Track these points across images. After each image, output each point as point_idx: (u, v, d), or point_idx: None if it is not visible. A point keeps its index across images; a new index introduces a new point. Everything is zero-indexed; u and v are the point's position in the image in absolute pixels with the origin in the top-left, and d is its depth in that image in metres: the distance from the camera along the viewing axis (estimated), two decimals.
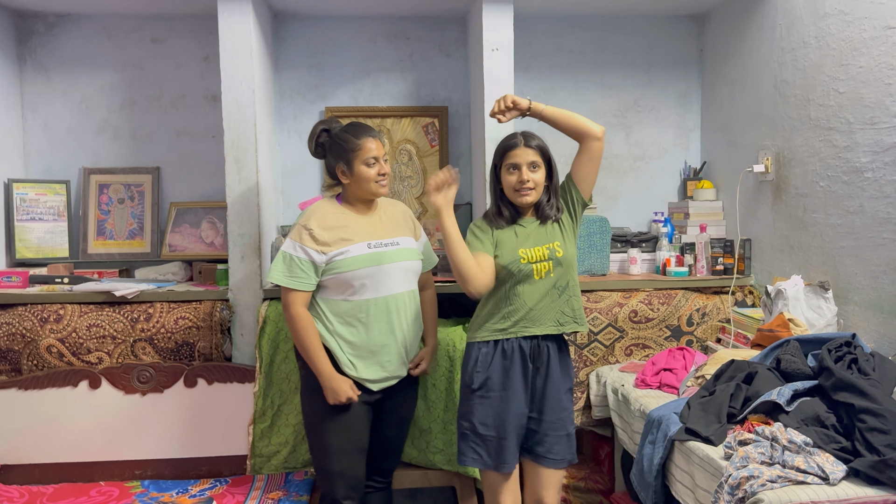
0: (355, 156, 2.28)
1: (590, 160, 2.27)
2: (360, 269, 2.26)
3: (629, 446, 2.61)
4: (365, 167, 2.29)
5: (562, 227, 2.29)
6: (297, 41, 3.48)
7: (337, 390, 2.24)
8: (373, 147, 2.29)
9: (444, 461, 2.78)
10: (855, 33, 2.51)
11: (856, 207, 2.54)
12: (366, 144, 2.28)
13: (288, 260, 2.26)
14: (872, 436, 1.79)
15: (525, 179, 2.22)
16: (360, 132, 2.31)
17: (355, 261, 2.26)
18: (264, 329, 2.85)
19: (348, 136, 2.30)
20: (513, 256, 2.22)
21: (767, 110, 3.05)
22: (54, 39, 3.40)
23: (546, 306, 2.25)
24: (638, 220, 3.68)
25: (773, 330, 2.55)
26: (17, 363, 2.87)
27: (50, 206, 3.32)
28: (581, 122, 2.25)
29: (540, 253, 2.23)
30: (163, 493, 2.68)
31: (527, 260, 2.22)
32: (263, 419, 2.86)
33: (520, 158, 2.22)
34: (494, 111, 2.28)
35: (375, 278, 2.28)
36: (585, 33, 3.61)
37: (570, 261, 2.28)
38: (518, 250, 2.23)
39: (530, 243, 2.25)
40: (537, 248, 2.24)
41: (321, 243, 2.25)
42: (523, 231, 2.27)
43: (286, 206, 3.50)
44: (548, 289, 2.24)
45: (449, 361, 2.78)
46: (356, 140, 2.29)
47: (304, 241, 2.25)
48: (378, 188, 2.32)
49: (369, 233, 2.32)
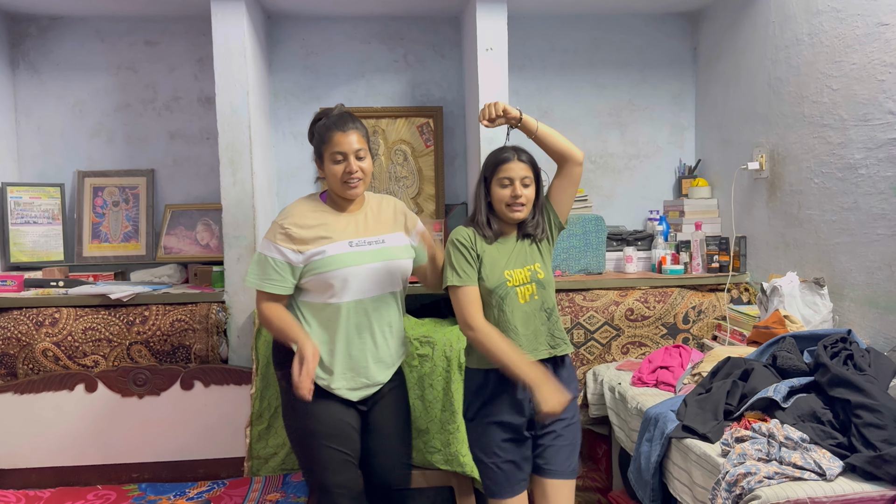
0: (325, 149, 2.12)
1: (570, 184, 2.22)
2: (341, 268, 2.09)
3: (626, 444, 2.62)
4: (332, 164, 2.11)
5: (540, 248, 2.20)
6: (291, 42, 3.48)
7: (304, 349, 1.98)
8: (341, 141, 2.09)
9: (442, 461, 2.77)
10: (848, 30, 2.52)
11: (850, 204, 2.54)
12: (333, 138, 2.10)
13: (262, 261, 2.10)
14: (868, 431, 1.79)
15: (518, 194, 2.11)
16: (334, 124, 2.12)
17: (334, 260, 2.09)
18: (260, 331, 2.84)
19: (323, 127, 2.14)
20: (499, 279, 2.10)
21: (761, 108, 3.06)
22: (47, 42, 3.39)
23: (536, 330, 2.14)
24: (633, 219, 3.69)
25: (769, 327, 2.56)
26: (13, 367, 2.86)
27: (44, 210, 3.31)
28: (568, 144, 2.18)
29: (522, 275, 2.13)
30: (160, 496, 2.68)
31: (512, 283, 2.12)
32: (260, 421, 2.85)
33: (513, 173, 2.11)
34: (483, 117, 2.16)
35: (358, 278, 2.12)
36: (579, 33, 3.62)
37: (551, 282, 2.19)
38: (504, 272, 2.11)
39: (513, 264, 2.14)
40: (518, 270, 2.14)
41: (298, 241, 2.09)
42: (505, 250, 2.16)
43: (281, 207, 3.47)
44: (535, 311, 2.14)
45: (446, 361, 2.78)
46: (326, 133, 2.12)
47: (279, 241, 2.09)
48: (345, 189, 2.12)
49: (352, 231, 2.16)
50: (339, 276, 2.10)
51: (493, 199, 2.15)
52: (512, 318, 2.11)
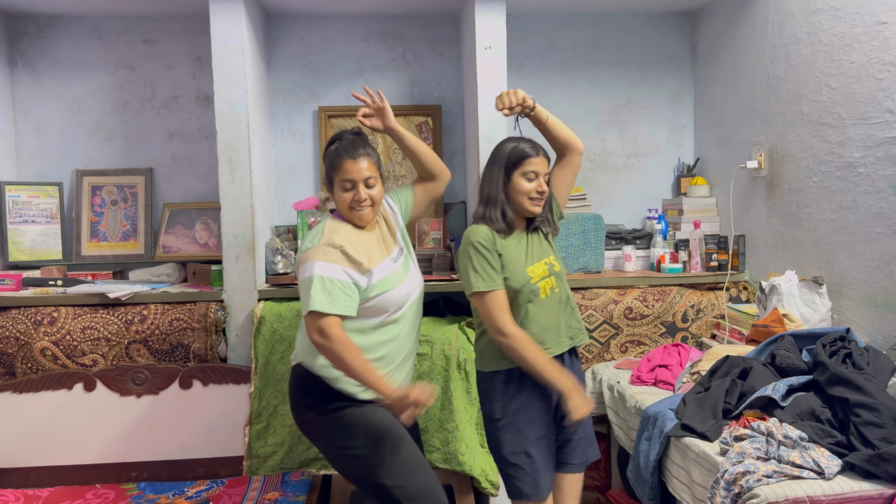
0: (335, 176, 2.08)
1: (571, 173, 2.27)
2: (398, 286, 2.08)
3: (625, 443, 2.62)
4: (341, 191, 2.07)
5: (549, 241, 2.22)
6: (289, 41, 3.48)
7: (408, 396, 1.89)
8: (350, 169, 2.05)
9: (441, 460, 2.78)
10: (846, 29, 2.52)
11: (849, 202, 2.54)
12: (343, 165, 2.05)
13: (327, 283, 1.95)
14: (867, 430, 1.79)
15: (543, 189, 2.12)
16: (344, 150, 2.08)
17: (393, 278, 2.08)
18: (259, 330, 2.84)
19: (334, 153, 2.10)
20: (524, 278, 2.09)
21: (760, 106, 3.06)
22: (45, 41, 3.38)
23: (558, 323, 2.15)
24: (632, 218, 3.68)
25: (768, 325, 2.56)
26: (12, 366, 2.86)
27: (43, 209, 3.31)
28: (572, 133, 2.25)
29: (541, 270, 2.13)
30: (159, 496, 2.67)
31: (535, 279, 2.10)
32: (259, 420, 2.85)
33: (538, 167, 2.11)
34: (503, 105, 2.16)
35: (413, 293, 2.15)
36: (578, 31, 3.61)
37: (564, 272, 2.24)
38: (525, 269, 2.11)
39: (531, 260, 2.14)
40: (537, 265, 2.14)
41: (356, 263, 2.01)
42: (521, 245, 2.15)
43: (280, 206, 3.49)
44: (556, 305, 2.15)
45: (445, 360, 2.78)
46: (336, 159, 2.08)
47: (341, 262, 1.99)
48: (353, 216, 2.09)
49: (384, 248, 2.14)
50: (401, 293, 2.09)
51: (514, 192, 2.13)
52: (537, 314, 2.11)
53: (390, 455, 2.05)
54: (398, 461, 2.05)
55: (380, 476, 2.04)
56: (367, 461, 2.04)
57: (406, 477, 2.04)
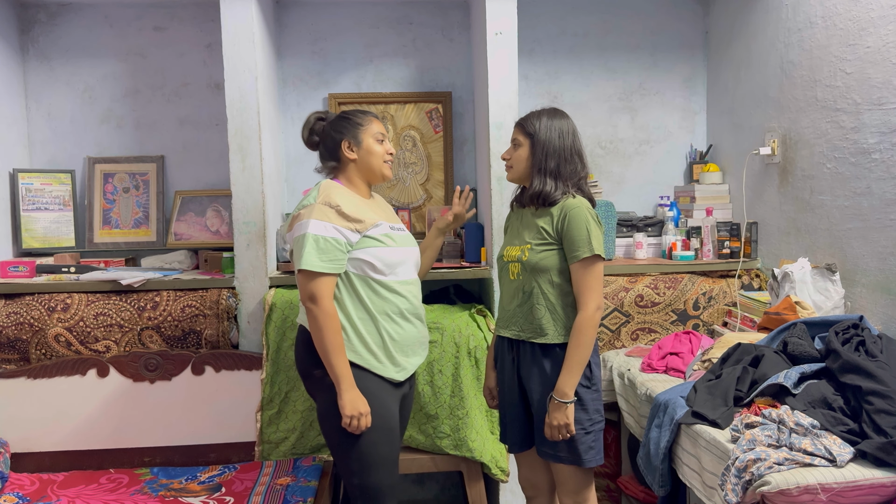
0: (364, 130, 2.20)
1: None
2: (401, 247, 2.17)
3: (636, 430, 2.62)
4: (376, 143, 2.20)
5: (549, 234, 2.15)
6: (299, 27, 3.47)
7: (357, 403, 2.00)
8: (380, 124, 2.24)
9: (451, 446, 2.79)
10: (862, 12, 2.48)
11: (863, 189, 2.52)
12: (374, 121, 2.23)
13: (321, 242, 2.01)
14: (880, 417, 1.78)
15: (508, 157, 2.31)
16: (363, 112, 2.26)
17: (392, 237, 2.15)
18: (270, 316, 2.85)
19: (354, 114, 2.24)
20: (501, 252, 2.28)
21: (773, 92, 3.03)
22: (56, 28, 3.39)
23: (515, 310, 2.20)
24: (643, 205, 3.66)
25: (780, 313, 2.54)
26: (26, 352, 2.89)
27: (55, 196, 3.33)
28: (574, 337, 2.17)
29: (515, 252, 2.21)
30: (172, 480, 2.70)
31: (506, 258, 2.24)
32: (271, 406, 2.87)
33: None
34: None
35: (411, 259, 2.22)
36: (589, 16, 3.58)
37: (535, 269, 2.13)
38: (506, 246, 2.27)
39: (516, 240, 2.24)
40: (513, 248, 2.22)
41: (352, 220, 2.07)
42: (519, 223, 2.27)
43: (290, 193, 3.50)
44: (514, 291, 2.21)
45: (455, 347, 2.78)
46: (364, 116, 2.23)
47: (334, 220, 2.05)
48: (385, 168, 2.23)
49: (382, 216, 2.21)
50: (400, 253, 2.15)
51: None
52: (502, 291, 2.30)
53: (370, 444, 2.09)
54: (375, 452, 2.09)
55: (351, 459, 2.09)
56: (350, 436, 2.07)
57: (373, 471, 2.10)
